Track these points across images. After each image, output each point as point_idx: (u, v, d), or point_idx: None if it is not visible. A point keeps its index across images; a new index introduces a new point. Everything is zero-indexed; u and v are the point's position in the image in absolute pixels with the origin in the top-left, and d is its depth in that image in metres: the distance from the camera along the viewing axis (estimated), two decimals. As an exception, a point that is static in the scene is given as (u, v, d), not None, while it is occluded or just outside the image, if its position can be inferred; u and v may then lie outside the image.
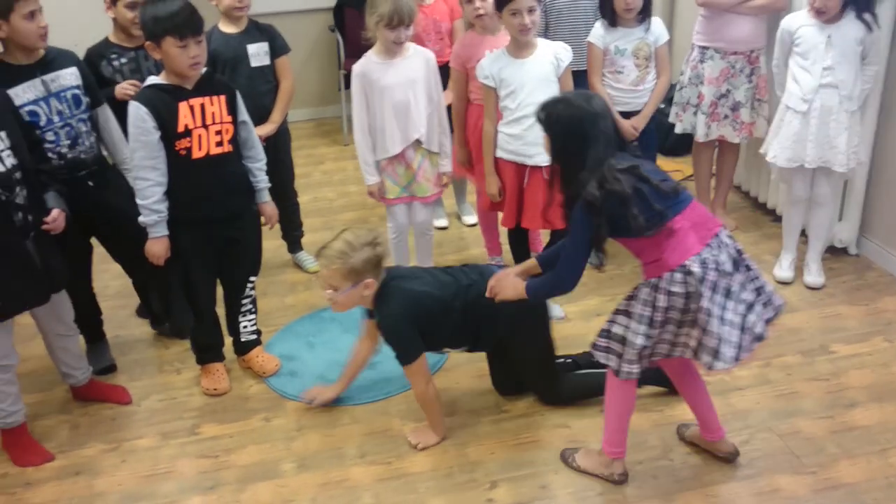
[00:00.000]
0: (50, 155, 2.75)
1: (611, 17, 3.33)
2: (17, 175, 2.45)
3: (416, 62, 3.14)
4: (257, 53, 3.39)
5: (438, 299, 2.59)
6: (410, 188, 3.25)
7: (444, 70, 3.31)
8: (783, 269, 3.47)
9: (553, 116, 2.21)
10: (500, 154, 3.08)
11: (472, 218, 4.15)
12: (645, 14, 3.31)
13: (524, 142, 2.98)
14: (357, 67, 3.13)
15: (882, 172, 3.45)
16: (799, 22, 3.18)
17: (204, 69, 2.69)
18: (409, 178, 3.23)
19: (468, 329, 2.66)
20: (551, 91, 2.90)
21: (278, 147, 3.51)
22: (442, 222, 4.14)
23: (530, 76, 2.95)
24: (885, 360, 2.95)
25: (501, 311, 2.54)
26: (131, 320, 3.44)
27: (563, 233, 3.07)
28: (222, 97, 2.70)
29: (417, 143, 3.17)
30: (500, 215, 3.26)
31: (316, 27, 5.67)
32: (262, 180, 2.90)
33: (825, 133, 3.16)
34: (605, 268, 2.42)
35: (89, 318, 3.09)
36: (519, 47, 2.97)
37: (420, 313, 2.56)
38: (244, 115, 2.81)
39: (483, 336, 2.70)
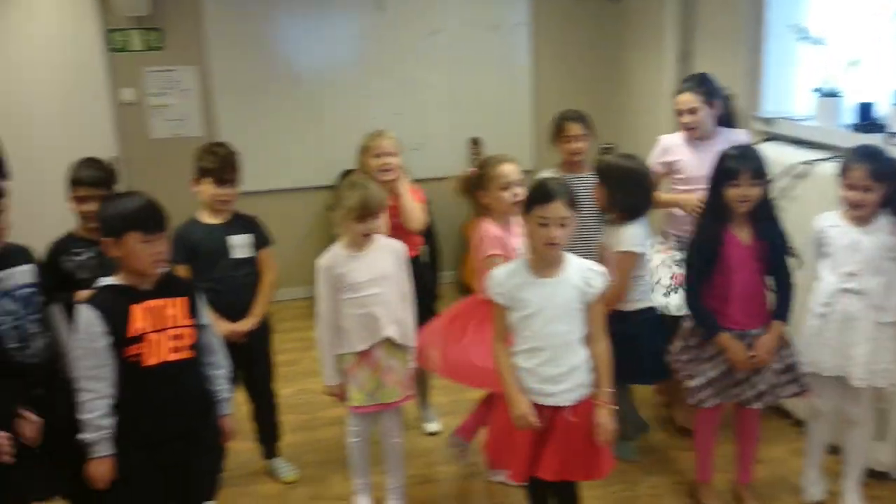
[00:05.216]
0: (-8, 360, 2.47)
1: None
2: None
3: (386, 255, 2.95)
4: (240, 245, 3.19)
5: None
6: (376, 395, 2.96)
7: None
8: (808, 487, 3.12)
9: None
10: None
11: (433, 425, 3.78)
12: (617, 213, 3.16)
13: (539, 378, 2.51)
14: (323, 261, 2.93)
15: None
16: (828, 222, 2.95)
17: (162, 269, 2.46)
18: (375, 384, 2.95)
19: None
20: (573, 322, 2.51)
21: (257, 344, 3.24)
22: (433, 426, 3.78)
23: (552, 302, 2.51)
24: None
25: None
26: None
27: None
28: (183, 299, 2.46)
29: (387, 341, 2.92)
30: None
31: (316, 204, 5.59)
32: (223, 390, 2.60)
33: (843, 341, 2.86)
34: None
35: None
36: (541, 263, 2.52)
37: None
38: (206, 318, 2.55)
39: None
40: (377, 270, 2.92)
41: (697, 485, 3.17)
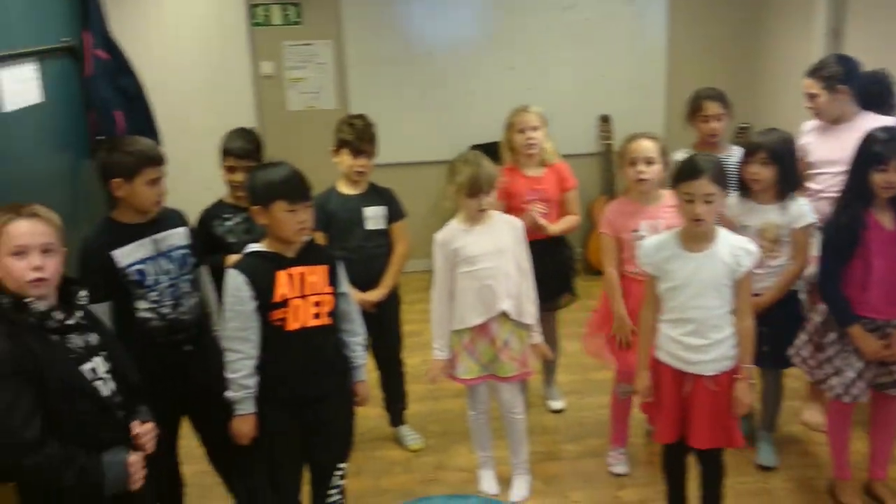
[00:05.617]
0: (150, 315, 2.63)
1: (743, 189, 3.03)
2: (117, 400, 2.17)
3: (503, 230, 2.95)
4: (374, 217, 3.27)
5: None
6: (491, 367, 2.96)
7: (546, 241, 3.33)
8: None
9: None
10: (659, 355, 2.63)
11: (558, 403, 3.78)
12: (784, 192, 2.96)
13: (683, 346, 2.55)
14: (439, 236, 2.96)
15: None
16: None
17: (306, 238, 2.55)
18: (491, 357, 2.95)
19: None
20: (722, 297, 2.49)
21: (386, 314, 3.33)
22: (558, 404, 3.77)
23: (698, 276, 2.51)
24: None
25: None
26: (216, 490, 3.20)
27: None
28: (324, 267, 2.54)
29: (503, 316, 2.91)
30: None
31: (442, 178, 5.49)
32: (359, 356, 2.68)
33: None
34: None
35: (169, 493, 2.86)
36: (690, 237, 2.54)
37: None
38: (345, 286, 2.63)
39: None
40: (493, 244, 2.92)
41: (836, 482, 3.03)
